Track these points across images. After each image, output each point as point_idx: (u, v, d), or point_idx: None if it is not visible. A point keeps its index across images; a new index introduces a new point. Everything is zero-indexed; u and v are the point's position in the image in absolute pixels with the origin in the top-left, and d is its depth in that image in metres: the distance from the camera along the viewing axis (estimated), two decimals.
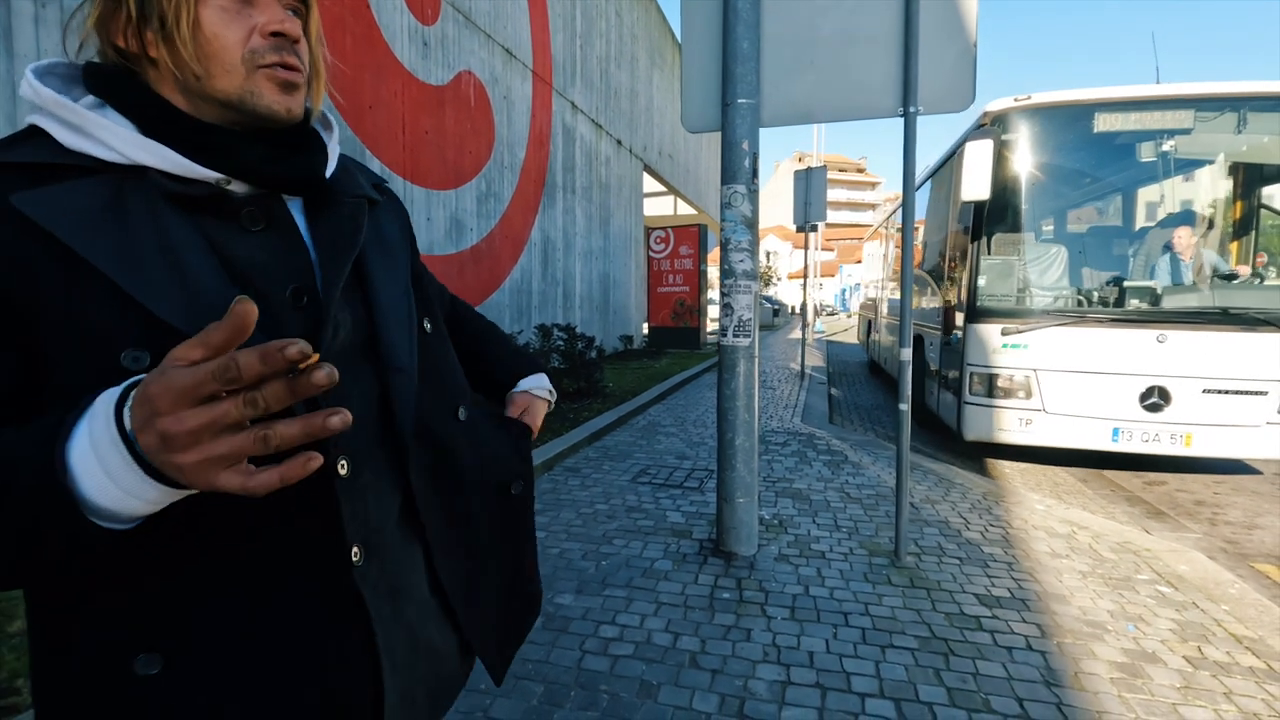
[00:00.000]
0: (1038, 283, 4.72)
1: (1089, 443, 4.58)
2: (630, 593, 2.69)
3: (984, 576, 2.84)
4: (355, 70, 5.42)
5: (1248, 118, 4.32)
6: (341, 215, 0.68)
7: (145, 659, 0.54)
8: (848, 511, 3.67)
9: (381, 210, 0.77)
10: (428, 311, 0.78)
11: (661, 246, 14.01)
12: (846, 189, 74.50)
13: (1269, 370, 4.23)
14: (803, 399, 7.87)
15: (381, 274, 0.70)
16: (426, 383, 0.72)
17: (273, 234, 0.62)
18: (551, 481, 4.23)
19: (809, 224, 8.37)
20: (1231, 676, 2.12)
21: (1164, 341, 4.36)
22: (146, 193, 0.55)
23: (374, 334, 0.66)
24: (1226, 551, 3.46)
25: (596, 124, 11.05)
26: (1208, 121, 4.38)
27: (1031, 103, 4.62)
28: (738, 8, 2.85)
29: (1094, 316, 4.54)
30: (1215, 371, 4.30)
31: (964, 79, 2.80)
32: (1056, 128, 4.65)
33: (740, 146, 2.92)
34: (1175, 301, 4.45)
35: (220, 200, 0.59)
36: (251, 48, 0.59)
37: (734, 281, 3.01)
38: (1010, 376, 4.68)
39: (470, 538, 0.78)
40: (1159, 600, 2.64)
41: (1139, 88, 4.50)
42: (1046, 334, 4.56)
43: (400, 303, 0.70)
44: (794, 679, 2.10)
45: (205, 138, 0.58)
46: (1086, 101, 4.52)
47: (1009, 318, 4.66)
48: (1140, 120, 4.48)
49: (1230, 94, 4.35)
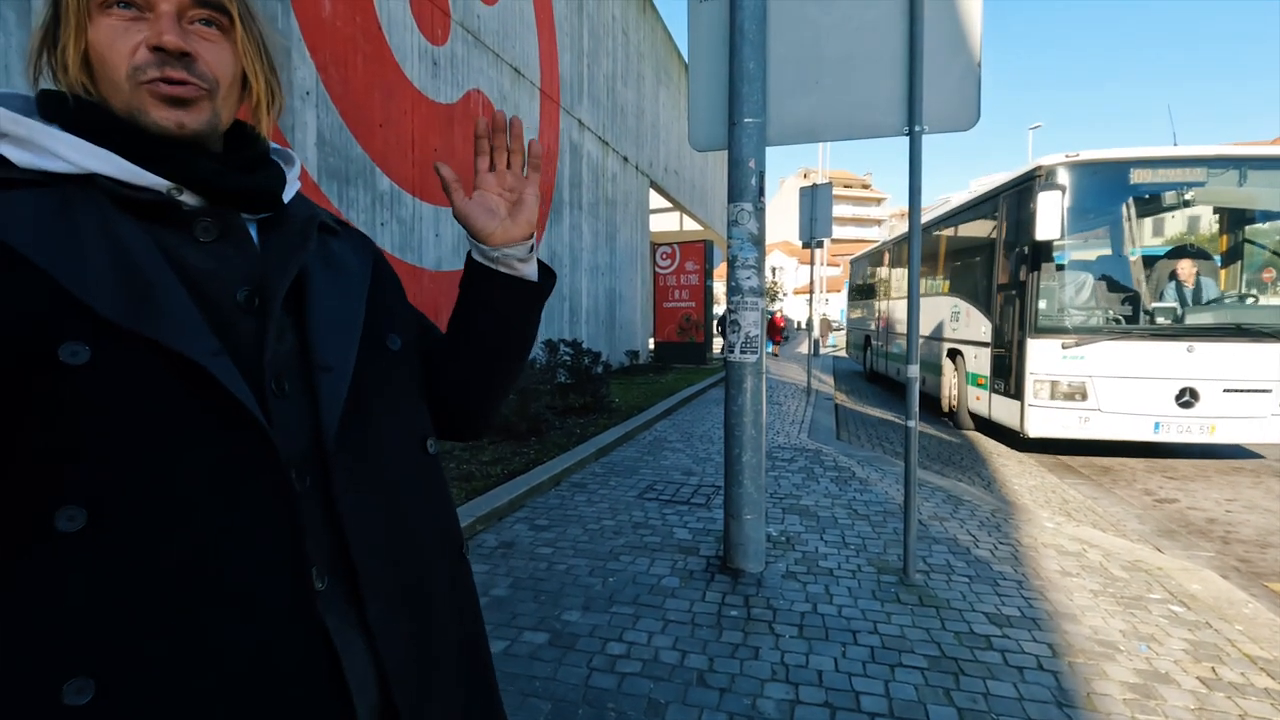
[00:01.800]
0: (1088, 305, 5.81)
1: (1136, 435, 5.55)
2: (637, 610, 2.68)
3: (994, 595, 2.82)
4: (366, 89, 5.51)
5: (1246, 173, 5.53)
6: (291, 230, 0.68)
7: (76, 685, 0.49)
8: (855, 528, 3.65)
9: (342, 240, 0.76)
10: (397, 330, 0.75)
11: (667, 262, 14.06)
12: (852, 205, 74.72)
13: (1271, 373, 5.35)
14: (810, 415, 7.85)
15: (323, 285, 0.68)
16: (382, 400, 0.70)
17: (226, 244, 0.61)
18: (558, 497, 4.23)
19: (815, 240, 8.40)
20: (1246, 698, 2.09)
21: (1193, 351, 5.41)
22: (95, 199, 0.56)
23: (306, 338, 0.64)
24: (1239, 571, 3.42)
25: (603, 141, 11.15)
26: (1218, 174, 5.52)
27: (1080, 159, 5.67)
28: (744, 28, 2.89)
29: (1138, 331, 5.58)
30: (1233, 375, 5.35)
31: (969, 98, 2.82)
32: (1098, 179, 5.71)
33: (747, 165, 2.95)
34: (1199, 319, 5.49)
35: (170, 209, 0.59)
36: (134, 64, 0.57)
37: (741, 298, 3.02)
38: (1070, 383, 5.67)
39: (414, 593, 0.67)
40: (1171, 620, 2.61)
41: (1163, 149, 5.66)
42: (1100, 346, 5.61)
43: (342, 310, 0.68)
44: (802, 698, 2.08)
45: (155, 149, 0.59)
46: (1122, 159, 5.63)
47: (1066, 333, 5.71)
48: (1164, 175, 5.59)
49: (1231, 155, 5.56)
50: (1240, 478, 5.26)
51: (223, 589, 0.54)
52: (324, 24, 5.01)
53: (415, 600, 0.67)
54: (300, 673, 0.57)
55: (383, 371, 0.71)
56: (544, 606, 2.70)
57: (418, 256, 6.26)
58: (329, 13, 5.05)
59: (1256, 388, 5.34)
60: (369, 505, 0.65)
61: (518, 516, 3.88)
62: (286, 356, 0.62)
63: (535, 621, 2.57)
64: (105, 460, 0.52)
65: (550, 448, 5.34)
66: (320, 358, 0.63)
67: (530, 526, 3.70)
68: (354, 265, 0.74)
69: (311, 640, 0.57)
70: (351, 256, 0.75)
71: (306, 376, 0.63)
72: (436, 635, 0.69)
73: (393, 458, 0.70)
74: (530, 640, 2.42)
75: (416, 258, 6.25)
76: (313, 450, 0.61)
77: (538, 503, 4.13)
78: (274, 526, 0.56)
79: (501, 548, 3.36)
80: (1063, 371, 5.68)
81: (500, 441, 5.49)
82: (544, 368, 6.89)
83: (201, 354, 0.53)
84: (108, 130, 0.58)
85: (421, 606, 0.68)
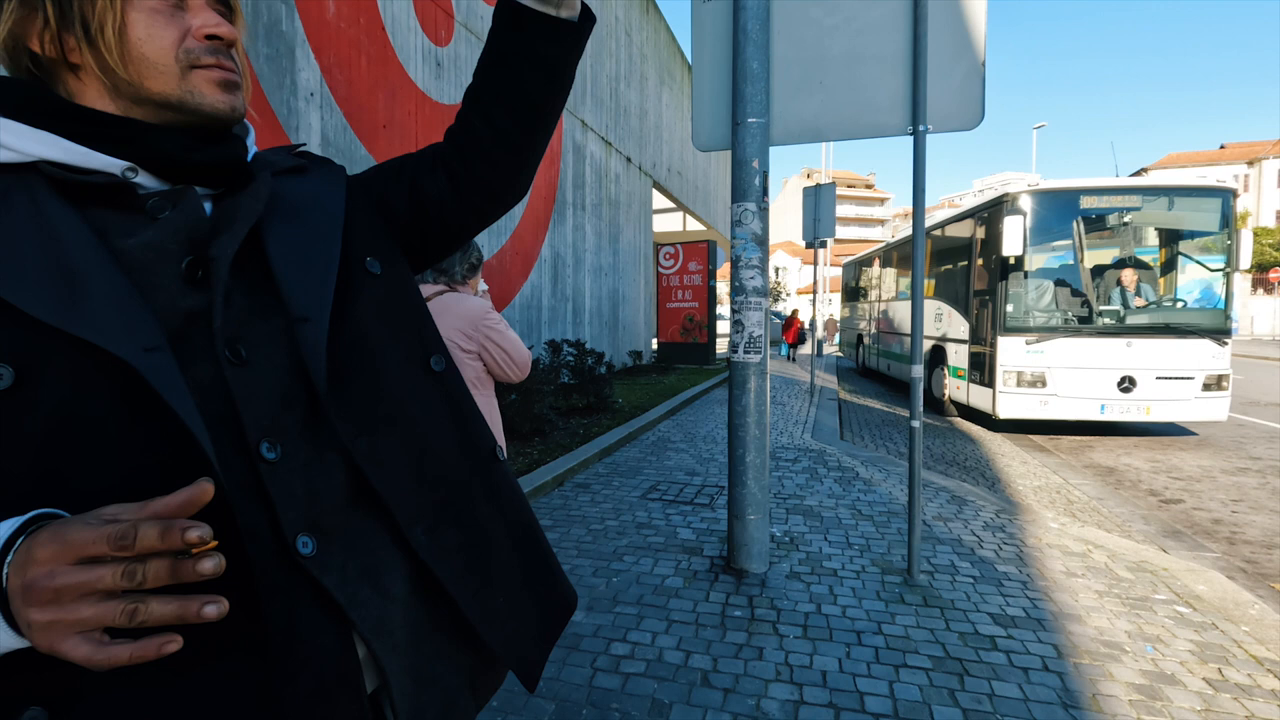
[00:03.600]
0: (1047, 308, 6.93)
1: (1086, 415, 6.75)
2: (641, 610, 2.68)
3: (998, 595, 2.81)
4: (370, 90, 5.52)
5: (1174, 200, 6.85)
6: (245, 192, 0.64)
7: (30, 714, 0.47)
8: (859, 529, 3.64)
9: (310, 177, 0.73)
10: (378, 252, 0.72)
11: (671, 263, 14.06)
12: (855, 205, 74.62)
13: (1193, 363, 6.60)
14: (813, 415, 7.84)
15: (283, 234, 0.64)
16: (372, 330, 0.67)
17: (176, 216, 0.58)
18: (561, 497, 4.23)
19: (818, 240, 8.40)
20: (1253, 700, 2.08)
21: (1131, 346, 6.66)
22: (32, 187, 0.53)
23: (276, 295, 0.61)
24: (1245, 571, 3.41)
25: (606, 141, 11.15)
26: (1151, 201, 6.84)
27: (1039, 188, 6.92)
28: (747, 29, 2.89)
29: (1087, 330, 6.78)
30: (1164, 365, 6.61)
31: (972, 98, 2.82)
32: (1054, 204, 6.89)
33: (750, 165, 2.95)
34: (1137, 319, 6.74)
35: (124, 192, 0.57)
36: (186, 48, 0.58)
37: (745, 298, 3.02)
38: (1032, 373, 6.83)
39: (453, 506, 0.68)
40: (1177, 620, 2.60)
41: (1107, 180, 6.98)
42: (1056, 343, 6.78)
43: (311, 255, 0.64)
44: (807, 698, 2.08)
45: (112, 130, 0.56)
46: (1073, 189, 6.89)
47: (1029, 332, 6.85)
48: (1107, 200, 6.84)
49: (1162, 185, 6.93)
50: (1246, 479, 5.23)
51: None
52: (328, 25, 5.02)
53: (455, 513, 0.67)
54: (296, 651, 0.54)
55: (367, 301, 0.68)
56: None
57: None
58: (333, 14, 5.06)
59: (1182, 375, 6.60)
60: (381, 438, 0.63)
61: None
62: (244, 320, 0.58)
63: None
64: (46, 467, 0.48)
65: (553, 448, 5.35)
66: (295, 309, 0.60)
67: None
68: (325, 199, 0.70)
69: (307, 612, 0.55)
70: (323, 190, 0.71)
71: (284, 331, 0.60)
72: (484, 536, 0.70)
73: (395, 385, 0.68)
74: None
75: None
76: (301, 406, 0.59)
77: (541, 503, 4.14)
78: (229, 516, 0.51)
79: None
80: (1026, 364, 6.86)
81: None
82: (547, 368, 6.89)
83: (132, 352, 0.49)
84: (58, 115, 0.55)
85: (465, 515, 0.68)
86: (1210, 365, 6.62)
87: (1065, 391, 6.74)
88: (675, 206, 16.84)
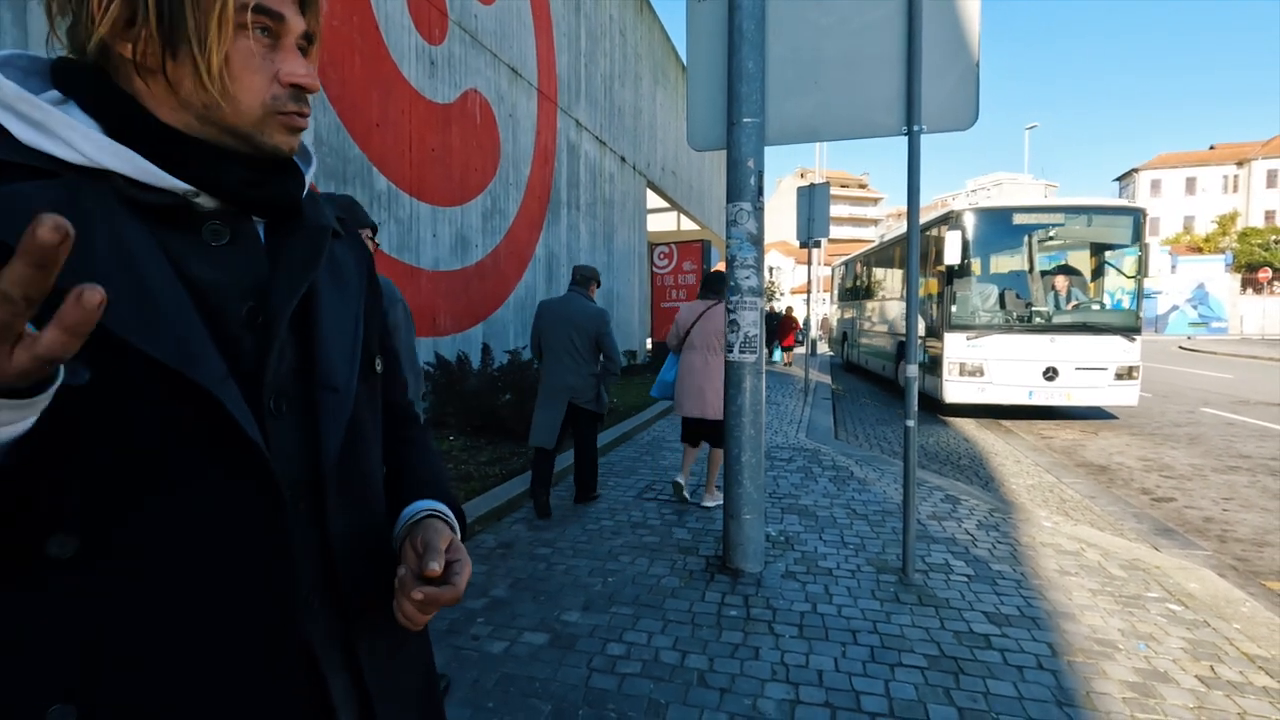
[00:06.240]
0: (985, 309, 8.07)
1: (1015, 399, 7.86)
2: (637, 610, 2.68)
3: (993, 594, 2.82)
4: (363, 89, 5.50)
5: (1092, 218, 7.99)
6: (303, 240, 0.65)
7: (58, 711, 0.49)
8: (854, 528, 3.65)
9: (343, 244, 0.74)
10: (382, 350, 0.76)
11: (665, 262, 14.03)
12: (849, 205, 74.74)
13: (1107, 356, 7.68)
14: (808, 414, 7.86)
15: (331, 300, 0.67)
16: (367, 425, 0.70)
17: (235, 251, 0.59)
18: (557, 497, 4.22)
19: (812, 240, 8.40)
20: (1245, 697, 2.09)
21: (1054, 341, 7.72)
22: (105, 197, 0.52)
23: (312, 356, 0.63)
24: (1237, 569, 3.43)
25: (600, 141, 11.14)
26: (1072, 219, 7.96)
27: (978, 207, 8.18)
28: (742, 29, 2.89)
29: (1017, 327, 7.88)
30: (1082, 358, 7.70)
31: (967, 98, 2.83)
32: (991, 221, 8.05)
33: (745, 164, 2.95)
34: (1060, 319, 7.82)
35: (183, 211, 0.57)
36: (273, 94, 0.58)
37: (740, 298, 3.02)
38: (972, 363, 7.94)
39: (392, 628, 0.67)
40: (1170, 619, 2.61)
41: (1035, 201, 8.25)
42: (992, 338, 7.89)
43: (347, 330, 0.67)
44: (803, 698, 2.08)
45: (182, 149, 0.56)
46: (1007, 208, 8.12)
47: (970, 329, 7.98)
48: (1036, 218, 7.96)
49: (1082, 205, 8.04)
50: (1237, 477, 5.27)
51: (212, 617, 0.54)
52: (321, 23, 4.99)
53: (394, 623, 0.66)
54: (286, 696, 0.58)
55: (369, 395, 0.71)
56: (544, 607, 2.70)
57: (415, 256, 6.25)
58: (325, 12, 5.03)
59: (1098, 366, 7.69)
60: (355, 531, 0.66)
61: (516, 517, 3.88)
62: (286, 375, 0.60)
63: (535, 622, 2.57)
64: (101, 486, 0.50)
65: None
66: (326, 377, 0.63)
67: (529, 527, 3.69)
68: (352, 275, 0.72)
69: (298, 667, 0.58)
70: (351, 264, 0.73)
71: (306, 395, 0.62)
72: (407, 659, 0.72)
73: (372, 484, 0.71)
74: (530, 641, 2.42)
75: (414, 257, 6.23)
76: (307, 472, 0.61)
77: None
78: (268, 555, 0.56)
79: (500, 548, 3.36)
80: (968, 356, 7.93)
81: (499, 442, 5.49)
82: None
83: (210, 380, 0.51)
84: (132, 124, 0.55)
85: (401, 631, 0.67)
86: (1122, 358, 7.69)
87: (999, 380, 7.86)
88: (669, 206, 16.83)
